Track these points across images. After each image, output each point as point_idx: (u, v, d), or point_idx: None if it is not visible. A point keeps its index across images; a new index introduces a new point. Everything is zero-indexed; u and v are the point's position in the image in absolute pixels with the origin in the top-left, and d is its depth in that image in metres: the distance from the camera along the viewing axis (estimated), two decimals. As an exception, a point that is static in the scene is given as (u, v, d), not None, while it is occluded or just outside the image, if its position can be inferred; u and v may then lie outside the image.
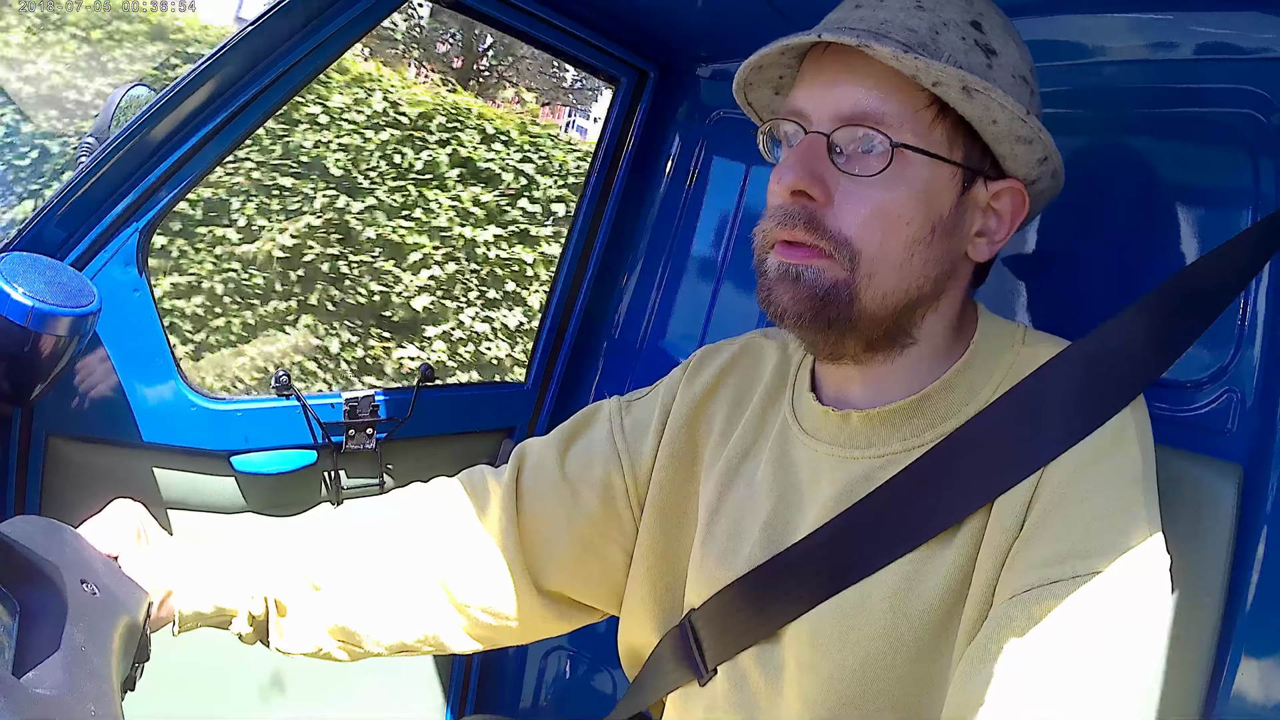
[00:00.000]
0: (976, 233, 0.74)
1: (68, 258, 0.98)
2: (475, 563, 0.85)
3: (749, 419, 0.84)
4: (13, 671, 0.51)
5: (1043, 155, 0.73)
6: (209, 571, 0.77)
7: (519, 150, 4.36)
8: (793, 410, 0.81)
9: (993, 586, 0.66)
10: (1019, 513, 0.66)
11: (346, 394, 1.24)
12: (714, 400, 0.87)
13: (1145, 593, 0.62)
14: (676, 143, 1.43)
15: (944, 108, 0.69)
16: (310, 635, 0.80)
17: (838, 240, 0.69)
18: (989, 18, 0.73)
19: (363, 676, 1.32)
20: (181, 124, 1.02)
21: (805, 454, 0.77)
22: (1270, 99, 0.88)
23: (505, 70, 10.20)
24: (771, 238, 0.72)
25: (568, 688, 1.42)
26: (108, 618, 0.61)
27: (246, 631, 0.78)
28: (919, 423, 0.73)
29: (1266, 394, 0.85)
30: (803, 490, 0.77)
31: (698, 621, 0.80)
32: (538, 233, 4.39)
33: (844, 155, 0.70)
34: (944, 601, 0.68)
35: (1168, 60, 0.95)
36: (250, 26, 1.02)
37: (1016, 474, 0.67)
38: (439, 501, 0.88)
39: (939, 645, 0.68)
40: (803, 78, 0.73)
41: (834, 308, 0.70)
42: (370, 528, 0.85)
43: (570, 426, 0.92)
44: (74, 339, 0.91)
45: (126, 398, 1.06)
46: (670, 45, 1.37)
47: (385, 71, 4.26)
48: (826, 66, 0.71)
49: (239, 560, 0.78)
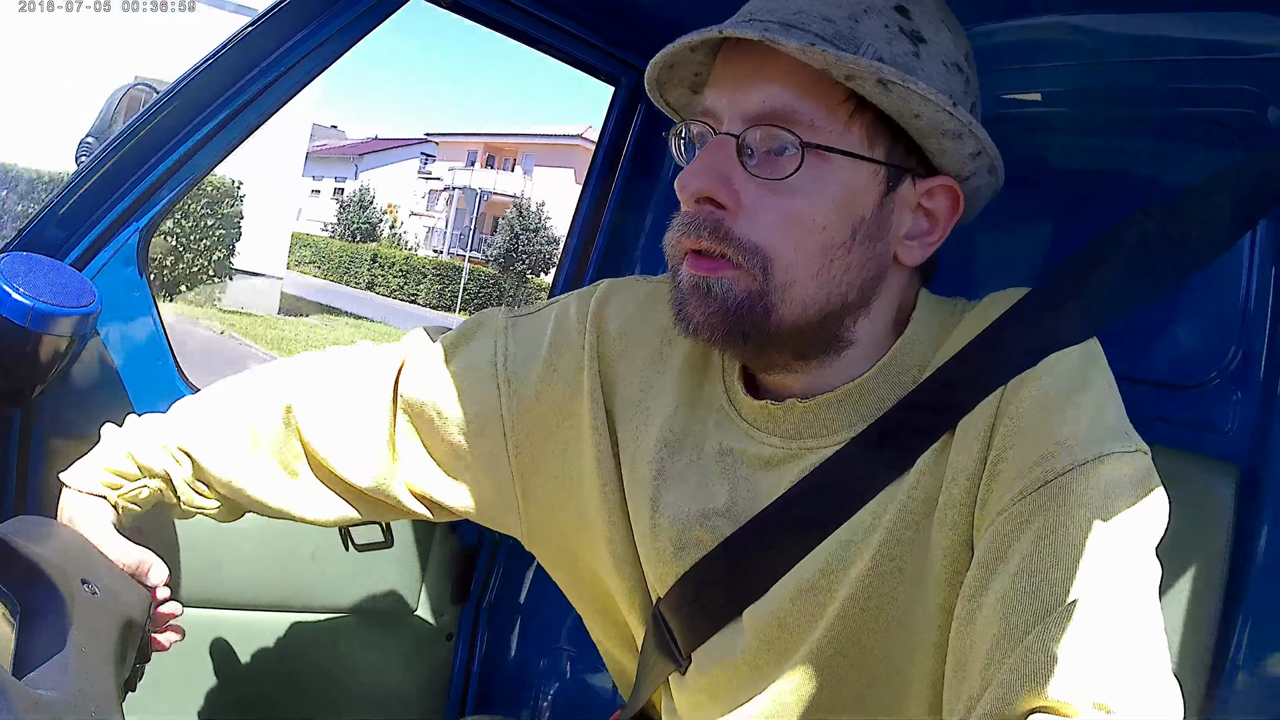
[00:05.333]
0: (906, 235, 0.70)
1: (68, 258, 0.98)
2: (348, 443, 0.84)
3: (677, 400, 0.78)
4: (13, 672, 0.51)
5: (975, 150, 0.68)
6: (107, 448, 0.82)
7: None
8: (729, 400, 0.77)
9: (963, 518, 0.64)
10: (982, 439, 0.64)
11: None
12: (627, 352, 0.81)
13: (1127, 475, 0.60)
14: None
15: (862, 103, 0.65)
16: (204, 493, 0.84)
17: (747, 249, 0.65)
18: (919, 1, 0.68)
19: (363, 676, 1.32)
20: (181, 124, 1.01)
21: (754, 447, 0.74)
22: (1270, 99, 0.88)
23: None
24: (680, 248, 0.68)
25: (568, 687, 1.42)
26: (108, 618, 0.61)
27: (160, 489, 0.83)
28: (871, 401, 0.71)
29: (1265, 394, 0.85)
30: (760, 481, 0.74)
31: (665, 610, 0.79)
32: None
33: (754, 158, 0.66)
34: (908, 549, 0.66)
35: (1168, 60, 0.95)
36: (250, 26, 1.02)
37: (972, 399, 0.65)
38: (324, 374, 0.87)
39: (911, 596, 0.67)
40: (714, 76, 0.69)
41: (748, 321, 0.66)
42: (255, 394, 0.86)
43: (456, 335, 0.87)
44: (74, 339, 0.91)
45: (126, 397, 1.06)
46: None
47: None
48: (736, 63, 0.67)
49: (132, 431, 0.84)
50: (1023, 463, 0.61)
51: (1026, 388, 0.64)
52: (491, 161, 33.71)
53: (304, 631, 1.26)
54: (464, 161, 34.38)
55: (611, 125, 1.45)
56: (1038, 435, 0.62)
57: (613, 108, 1.45)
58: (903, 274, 0.72)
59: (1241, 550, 0.80)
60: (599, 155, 1.45)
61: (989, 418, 0.65)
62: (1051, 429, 0.62)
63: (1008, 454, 0.63)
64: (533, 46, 1.33)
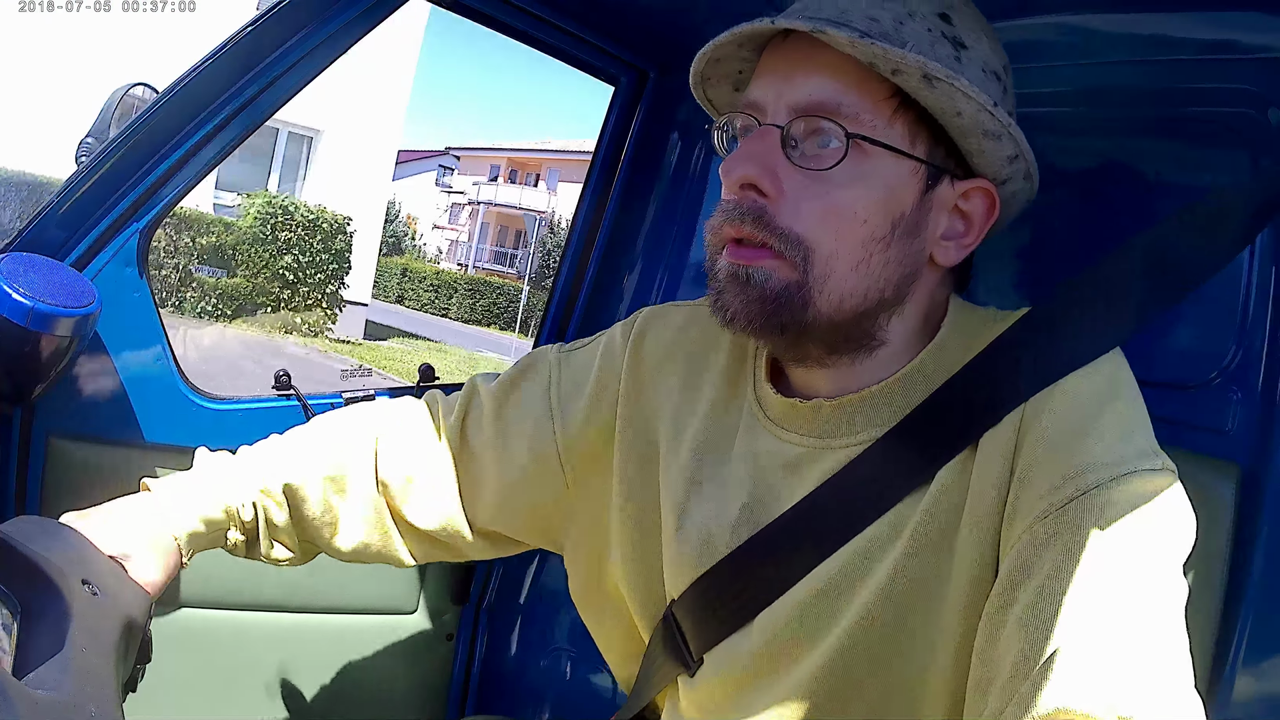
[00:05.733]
0: (942, 235, 0.71)
1: (68, 258, 0.98)
2: (420, 490, 0.88)
3: (710, 409, 0.80)
4: (14, 672, 0.51)
5: (1013, 153, 0.69)
6: (195, 490, 0.81)
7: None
8: (757, 400, 0.78)
9: (987, 534, 0.64)
10: (1006, 455, 0.64)
11: (346, 393, 1.24)
12: (664, 375, 0.84)
13: (1155, 492, 0.60)
14: (676, 142, 1.43)
15: (906, 100, 0.66)
16: (290, 540, 0.86)
17: (789, 238, 0.66)
18: (960, 11, 0.70)
19: (363, 676, 1.32)
20: (181, 124, 1.01)
21: (778, 446, 0.75)
22: (1270, 99, 0.88)
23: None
24: (722, 236, 0.69)
25: (568, 688, 1.42)
26: (109, 618, 0.61)
27: (239, 542, 0.84)
28: (899, 404, 0.71)
29: (1266, 394, 0.85)
30: (781, 483, 0.74)
31: (678, 612, 0.79)
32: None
33: (798, 149, 0.67)
34: (929, 562, 0.66)
35: (1168, 60, 0.95)
36: (250, 26, 1.02)
37: (996, 414, 0.65)
38: (397, 423, 0.91)
39: (929, 610, 0.66)
40: (759, 70, 0.71)
41: (786, 312, 0.67)
42: (336, 440, 0.89)
43: (512, 376, 0.91)
44: (74, 339, 0.91)
45: (127, 397, 1.06)
46: (670, 45, 1.37)
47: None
48: (784, 57, 0.68)
49: (221, 472, 0.83)
50: (1049, 480, 0.61)
51: (1053, 402, 0.64)
52: (514, 176, 33.61)
53: (304, 632, 1.26)
54: (486, 175, 34.29)
55: (611, 125, 1.45)
56: (1064, 453, 0.62)
57: (613, 108, 1.45)
58: (936, 275, 0.73)
59: (1241, 550, 0.80)
60: (599, 155, 1.46)
61: (1013, 433, 0.65)
62: (1078, 446, 0.62)
63: (1033, 471, 0.62)
64: (533, 46, 1.33)
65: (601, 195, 1.46)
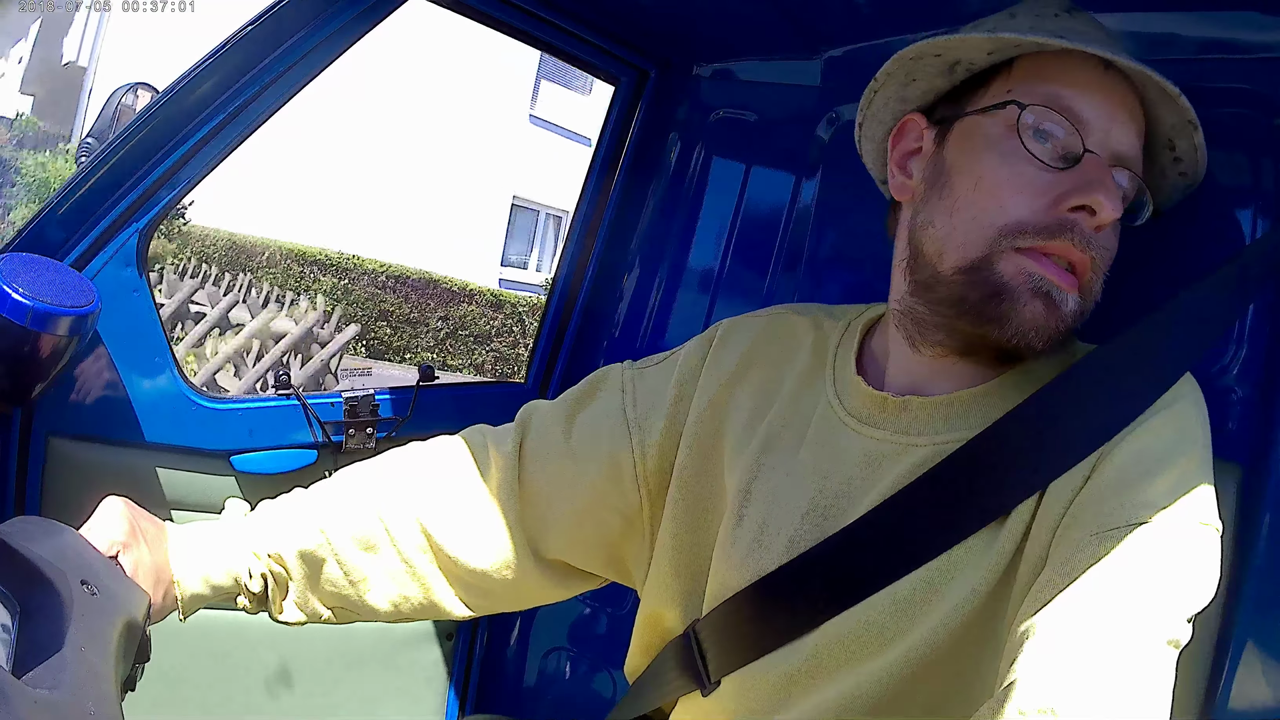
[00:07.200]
0: None
1: (68, 258, 0.98)
2: (472, 528, 0.84)
3: (783, 402, 0.80)
4: (13, 672, 0.51)
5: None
6: (205, 552, 0.77)
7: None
8: (835, 394, 0.77)
9: (1039, 572, 0.63)
10: (1075, 489, 0.64)
11: (346, 393, 1.24)
12: (741, 382, 0.83)
13: (1195, 544, 0.60)
14: (676, 142, 1.43)
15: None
16: (307, 604, 0.83)
17: (1101, 279, 0.71)
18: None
19: (363, 676, 1.32)
20: (181, 124, 1.01)
21: (856, 440, 0.74)
22: (1270, 99, 0.88)
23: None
24: (1064, 258, 0.68)
25: (568, 688, 1.42)
26: (108, 618, 0.61)
27: (248, 605, 0.81)
28: (988, 411, 0.71)
29: (1266, 394, 0.85)
30: (855, 478, 0.73)
31: (703, 632, 0.77)
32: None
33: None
34: (989, 594, 0.65)
35: (1168, 60, 0.95)
36: (250, 26, 1.02)
37: (1070, 458, 0.65)
38: (437, 463, 0.87)
39: (981, 640, 0.65)
40: (1089, 84, 0.70)
41: (1059, 340, 0.69)
42: (364, 494, 0.84)
43: (579, 392, 0.89)
44: (74, 339, 0.91)
45: (127, 397, 1.06)
46: (670, 44, 1.37)
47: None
48: (1112, 91, 0.70)
49: (234, 535, 0.80)
50: (1101, 512, 0.62)
51: (1127, 444, 0.65)
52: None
53: (304, 631, 1.25)
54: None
55: (611, 125, 1.44)
56: (1125, 492, 0.62)
57: (613, 108, 1.45)
58: None
59: (1242, 550, 0.80)
60: (599, 155, 1.45)
61: (1086, 470, 0.65)
62: (1145, 486, 0.62)
63: (1090, 502, 0.63)
64: (534, 46, 1.33)
65: (601, 195, 1.46)
